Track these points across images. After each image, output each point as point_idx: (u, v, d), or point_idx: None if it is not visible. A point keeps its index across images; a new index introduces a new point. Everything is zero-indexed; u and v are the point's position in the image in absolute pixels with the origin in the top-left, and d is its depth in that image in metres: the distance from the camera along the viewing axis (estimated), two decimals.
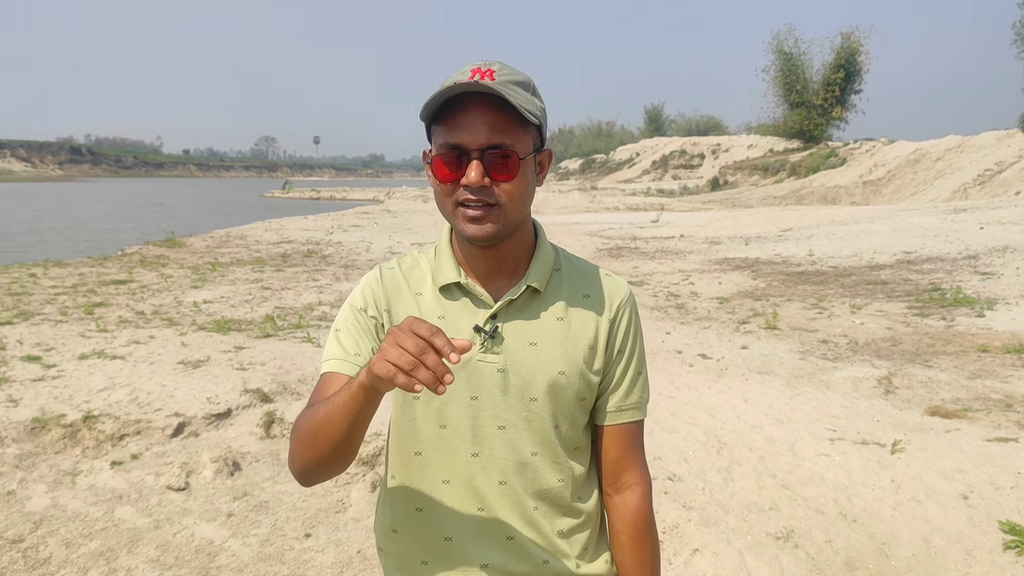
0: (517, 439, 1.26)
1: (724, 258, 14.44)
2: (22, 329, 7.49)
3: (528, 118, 1.17)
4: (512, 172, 1.18)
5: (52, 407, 5.05)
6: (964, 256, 12.74)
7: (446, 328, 1.26)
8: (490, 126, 1.16)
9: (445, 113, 1.18)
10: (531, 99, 1.20)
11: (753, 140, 56.84)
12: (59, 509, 3.84)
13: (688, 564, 3.36)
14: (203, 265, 13.41)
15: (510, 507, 1.27)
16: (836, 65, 48.35)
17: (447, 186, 1.20)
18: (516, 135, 1.18)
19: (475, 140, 1.16)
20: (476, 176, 1.16)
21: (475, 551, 1.27)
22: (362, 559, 3.48)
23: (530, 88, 1.22)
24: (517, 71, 1.21)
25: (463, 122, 1.16)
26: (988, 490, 3.93)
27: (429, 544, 1.29)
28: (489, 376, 1.25)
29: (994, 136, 32.38)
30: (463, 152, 1.17)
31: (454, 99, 1.16)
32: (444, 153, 1.19)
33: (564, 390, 1.27)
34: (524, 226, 1.29)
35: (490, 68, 1.18)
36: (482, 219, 1.19)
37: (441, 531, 1.28)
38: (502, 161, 1.17)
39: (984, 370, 6.32)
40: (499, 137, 1.16)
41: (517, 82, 1.19)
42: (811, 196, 35.65)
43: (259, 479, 4.29)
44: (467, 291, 1.29)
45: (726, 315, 8.91)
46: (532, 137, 1.22)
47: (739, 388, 5.81)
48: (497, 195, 1.19)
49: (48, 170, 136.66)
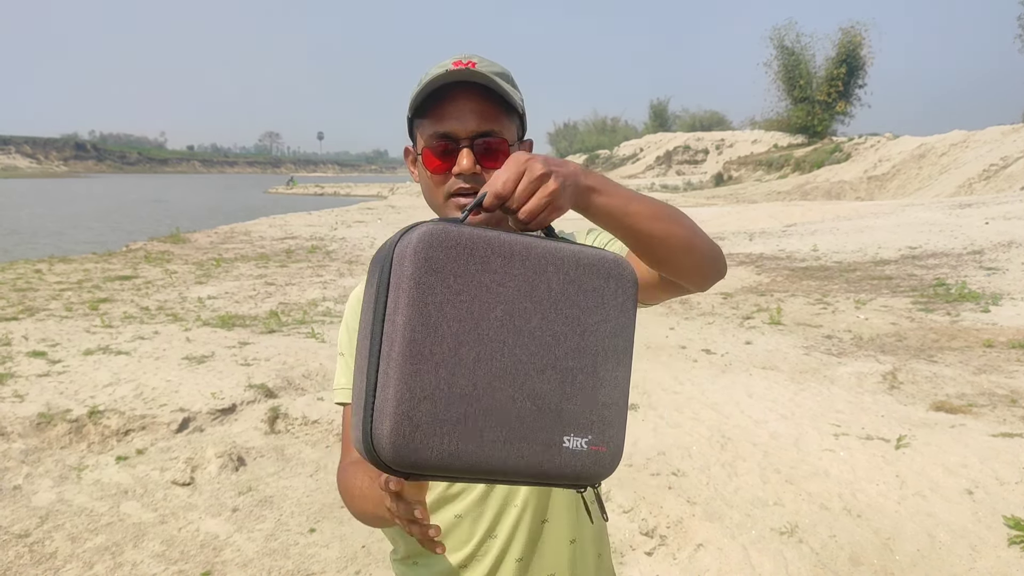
0: None
1: (728, 253, 14.42)
2: (27, 325, 7.51)
3: (514, 105, 1.20)
4: (502, 159, 1.19)
5: (57, 402, 5.06)
6: (969, 251, 12.70)
7: None
8: (479, 114, 1.17)
9: (431, 106, 1.18)
10: (512, 90, 1.22)
11: (757, 135, 56.69)
12: (65, 504, 3.86)
13: (692, 559, 3.36)
14: (207, 261, 13.43)
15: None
16: (838, 60, 48.15)
17: (439, 177, 1.20)
18: (503, 123, 1.20)
19: (465, 128, 1.17)
20: (468, 163, 1.17)
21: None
22: (367, 554, 3.49)
23: (509, 80, 1.24)
24: (496, 63, 1.23)
25: (451, 111, 1.17)
26: (993, 485, 3.92)
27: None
28: None
29: (999, 131, 32.23)
30: (453, 141, 1.18)
31: (439, 91, 1.17)
32: (434, 144, 1.19)
33: None
34: None
35: (471, 60, 1.19)
36: None
37: (452, 510, 1.28)
38: (493, 148, 1.19)
39: (989, 365, 6.31)
40: (488, 125, 1.18)
41: (498, 73, 1.20)
42: (815, 191, 35.57)
43: (264, 474, 4.30)
44: None
45: (730, 310, 8.89)
46: (516, 126, 1.24)
47: (743, 383, 5.80)
48: None
49: (53, 166, 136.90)
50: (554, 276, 0.87)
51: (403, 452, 0.79)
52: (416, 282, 0.80)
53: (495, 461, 0.84)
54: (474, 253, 0.83)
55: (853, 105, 49.32)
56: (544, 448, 0.86)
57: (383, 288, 0.83)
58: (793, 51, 49.78)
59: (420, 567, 1.30)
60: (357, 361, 0.89)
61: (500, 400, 0.84)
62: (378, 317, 0.83)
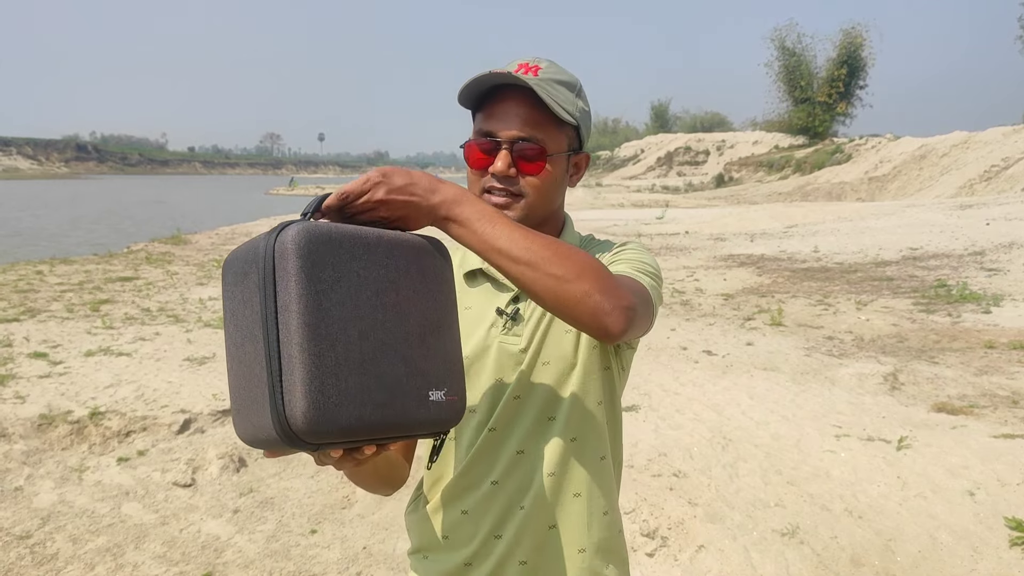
0: (533, 405, 1.26)
1: (729, 254, 14.42)
2: (29, 326, 7.52)
3: (561, 116, 1.19)
4: (539, 166, 1.21)
5: (59, 404, 5.07)
6: (970, 252, 12.69)
7: (471, 316, 1.28)
8: (523, 119, 1.20)
9: (485, 102, 1.23)
10: (573, 100, 1.23)
11: (758, 136, 56.76)
12: (66, 505, 3.86)
13: (694, 560, 3.36)
14: (208, 262, 13.44)
15: (527, 474, 1.26)
16: (839, 61, 48.19)
17: (477, 172, 1.25)
18: (548, 131, 1.21)
19: (507, 130, 1.20)
20: (503, 165, 1.20)
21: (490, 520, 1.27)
22: (367, 555, 3.49)
23: (575, 89, 1.25)
24: (565, 71, 1.25)
25: (498, 112, 1.21)
26: (994, 486, 3.92)
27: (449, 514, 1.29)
28: (510, 358, 1.26)
29: (1000, 132, 32.22)
30: (494, 140, 1.21)
31: (494, 90, 1.21)
32: (477, 140, 1.23)
33: (587, 364, 1.26)
34: (553, 218, 1.31)
35: (537, 64, 1.22)
36: (506, 207, 1.22)
37: (459, 506, 1.28)
38: (530, 154, 1.20)
39: (990, 366, 6.30)
40: (530, 130, 1.20)
41: (561, 81, 1.22)
42: (816, 192, 35.57)
43: (265, 475, 4.31)
44: (489, 276, 1.31)
45: (731, 311, 8.89)
46: (568, 136, 1.25)
47: (744, 384, 5.80)
48: (522, 186, 1.22)
49: (54, 168, 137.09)
50: (400, 258, 1.01)
51: (317, 425, 0.89)
52: (304, 275, 0.90)
53: (388, 419, 0.95)
54: (343, 245, 0.95)
55: (854, 106, 49.38)
56: (418, 403, 0.99)
57: (269, 285, 0.91)
58: (794, 52, 49.83)
59: (430, 561, 1.32)
60: (238, 357, 0.95)
61: (383, 367, 0.96)
62: (270, 311, 0.91)
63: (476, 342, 1.27)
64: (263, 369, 0.91)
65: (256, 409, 0.92)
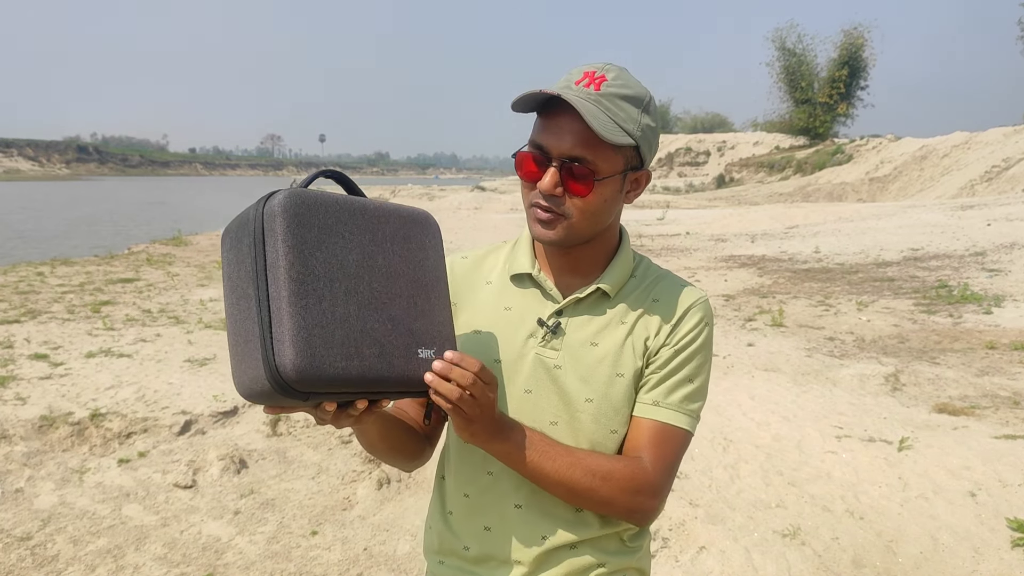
0: (568, 437, 1.23)
1: (730, 255, 14.41)
2: (29, 327, 7.52)
3: (610, 139, 1.11)
4: (586, 188, 1.15)
5: (60, 405, 5.07)
6: (971, 253, 12.69)
7: (510, 318, 1.26)
8: (576, 136, 1.13)
9: (546, 110, 1.17)
10: (636, 116, 1.15)
11: (759, 137, 56.70)
12: (67, 507, 3.86)
13: (695, 561, 3.36)
14: (209, 263, 13.44)
15: (553, 504, 1.24)
16: (840, 62, 48.14)
17: (528, 183, 1.21)
18: (601, 151, 1.14)
19: (558, 147, 1.14)
20: (549, 184, 1.15)
21: (512, 545, 1.27)
22: (368, 556, 3.49)
23: (641, 104, 1.17)
24: (633, 83, 1.17)
25: (552, 126, 1.15)
26: (996, 487, 3.92)
27: (472, 529, 1.29)
28: (545, 371, 1.24)
29: (1001, 132, 32.19)
30: (546, 155, 1.16)
31: (553, 97, 1.13)
32: (530, 152, 1.19)
33: (621, 393, 1.23)
34: (605, 234, 1.27)
35: (603, 74, 1.15)
36: (550, 224, 1.18)
37: (482, 520, 1.28)
38: (579, 175, 1.15)
39: (992, 367, 6.30)
40: (581, 150, 1.13)
41: (625, 96, 1.15)
42: (817, 193, 35.55)
43: (266, 477, 4.30)
44: (538, 283, 1.29)
45: (732, 312, 8.89)
46: (625, 156, 1.18)
47: (745, 385, 5.80)
48: (567, 207, 1.17)
49: (55, 169, 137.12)
50: (387, 226, 1.08)
51: (306, 372, 0.94)
52: (291, 234, 0.97)
53: (375, 372, 1.01)
54: (328, 209, 1.02)
55: (855, 107, 49.31)
56: (406, 360, 1.04)
57: (259, 245, 0.98)
58: (795, 52, 49.78)
59: (445, 567, 1.34)
60: (235, 316, 1.02)
61: (369, 323, 1.02)
62: (260, 268, 0.98)
63: (513, 348, 1.25)
64: (255, 324, 0.97)
65: (251, 362, 0.98)
